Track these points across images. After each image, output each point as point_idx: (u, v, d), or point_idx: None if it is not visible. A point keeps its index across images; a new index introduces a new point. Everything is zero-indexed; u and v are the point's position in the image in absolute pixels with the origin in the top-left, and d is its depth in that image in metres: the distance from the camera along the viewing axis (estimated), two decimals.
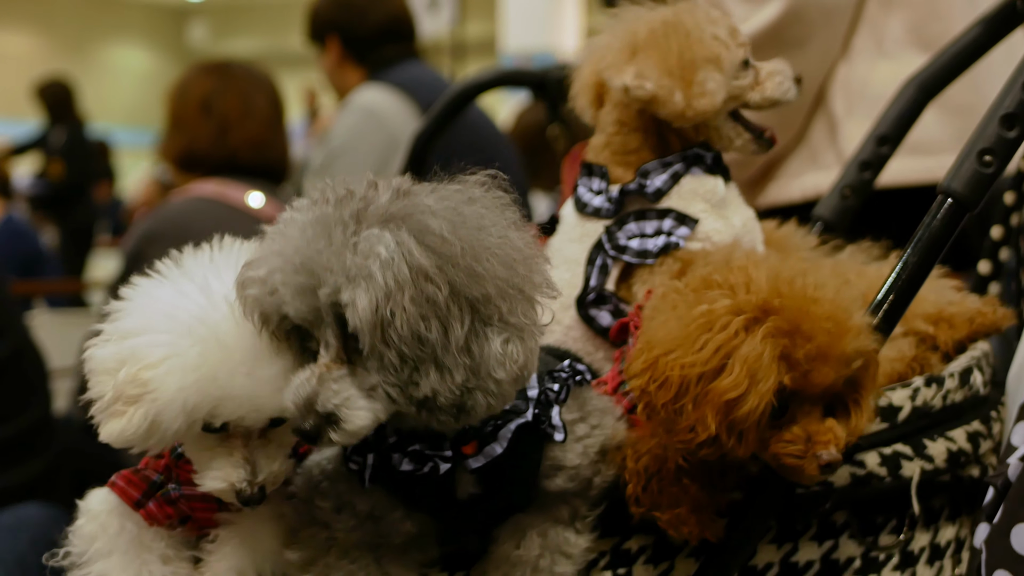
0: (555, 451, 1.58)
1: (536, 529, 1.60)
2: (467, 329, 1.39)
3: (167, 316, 1.53)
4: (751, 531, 1.65)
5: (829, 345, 1.49)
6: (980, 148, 1.68)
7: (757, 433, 1.50)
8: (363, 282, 1.36)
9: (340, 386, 1.40)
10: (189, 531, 1.67)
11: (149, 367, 1.50)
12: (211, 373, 1.49)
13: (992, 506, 1.63)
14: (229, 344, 1.51)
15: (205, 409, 1.50)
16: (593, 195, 1.95)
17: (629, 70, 1.90)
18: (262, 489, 1.55)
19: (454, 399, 1.40)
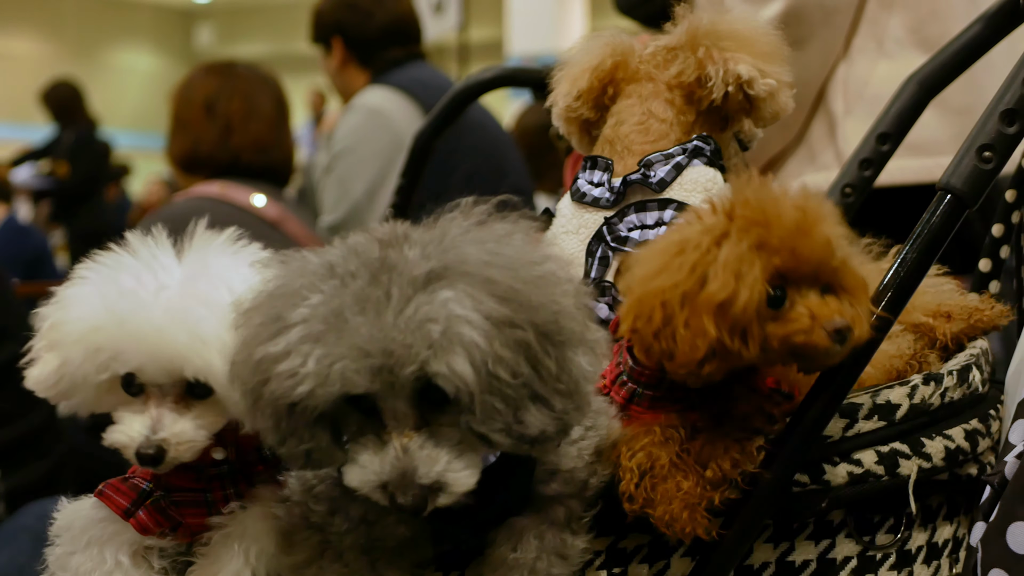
0: (550, 456, 1.57)
1: (532, 532, 1.59)
2: (555, 358, 1.40)
3: (99, 281, 1.59)
4: (747, 530, 1.64)
5: (804, 223, 1.53)
6: (980, 144, 1.67)
7: (759, 327, 1.52)
8: (458, 348, 1.35)
9: (431, 452, 1.39)
10: (181, 537, 1.67)
11: (64, 318, 1.56)
12: (120, 319, 1.53)
13: (989, 504, 1.62)
14: (149, 298, 1.54)
15: (108, 352, 1.53)
16: (592, 186, 1.95)
17: (742, 62, 1.91)
18: (160, 449, 1.54)
19: (559, 425, 1.41)
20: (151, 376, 1.55)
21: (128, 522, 1.64)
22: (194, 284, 1.58)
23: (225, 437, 1.65)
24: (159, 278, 1.57)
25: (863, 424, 1.69)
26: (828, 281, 1.56)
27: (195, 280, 1.58)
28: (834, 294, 1.56)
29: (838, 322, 1.52)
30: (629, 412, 1.69)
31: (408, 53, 4.82)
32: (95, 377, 1.55)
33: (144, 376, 1.55)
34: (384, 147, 4.47)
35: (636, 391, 1.67)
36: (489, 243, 1.44)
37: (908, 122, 2.28)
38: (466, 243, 1.44)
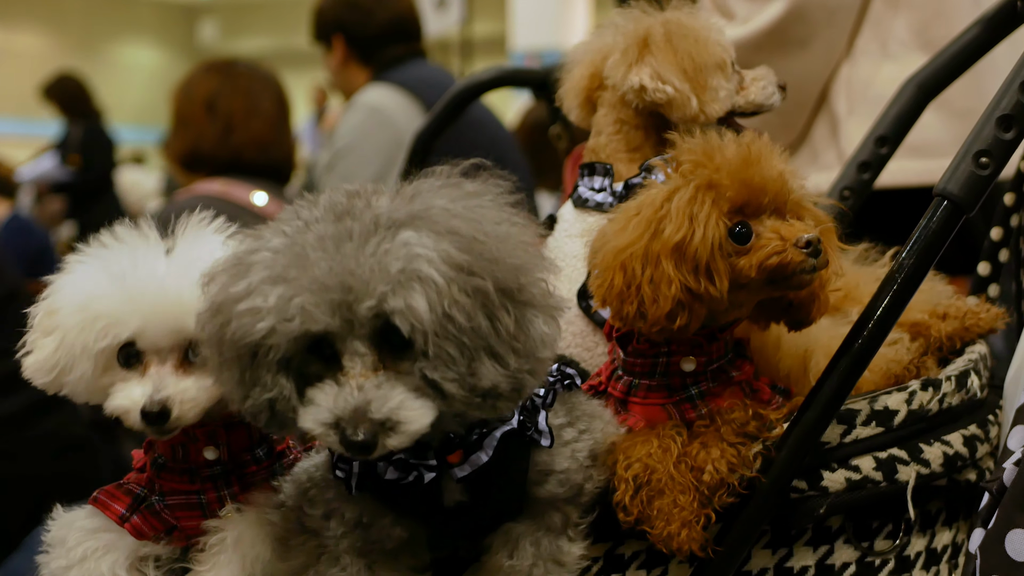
0: (543, 456, 1.57)
1: (529, 538, 1.59)
2: (514, 316, 1.40)
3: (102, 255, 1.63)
4: (745, 536, 1.63)
5: (750, 157, 1.58)
6: (976, 150, 1.67)
7: (724, 263, 1.55)
8: (415, 284, 1.35)
9: (387, 391, 1.38)
10: (176, 541, 1.67)
11: (59, 302, 1.59)
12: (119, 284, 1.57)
13: (987, 511, 1.62)
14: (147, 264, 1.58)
15: (107, 318, 1.55)
16: (594, 192, 1.96)
17: (644, 70, 1.92)
18: (164, 407, 1.55)
19: (513, 384, 1.40)
20: (151, 339, 1.56)
21: (124, 527, 1.64)
22: (189, 250, 1.61)
23: (217, 437, 1.66)
24: (154, 250, 1.61)
25: (861, 430, 1.69)
26: (787, 211, 1.60)
27: (190, 247, 1.61)
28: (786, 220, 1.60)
29: (807, 235, 1.55)
30: (628, 405, 1.69)
31: (409, 50, 4.81)
32: (94, 347, 1.55)
33: (144, 341, 1.57)
34: (385, 145, 4.47)
35: (632, 383, 1.68)
36: (457, 197, 1.45)
37: (907, 125, 2.27)
38: (434, 195, 1.45)
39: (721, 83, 1.93)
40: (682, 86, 1.90)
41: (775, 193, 1.58)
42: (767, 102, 1.98)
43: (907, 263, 1.64)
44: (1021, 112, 1.67)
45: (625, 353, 1.69)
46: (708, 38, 1.94)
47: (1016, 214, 2.03)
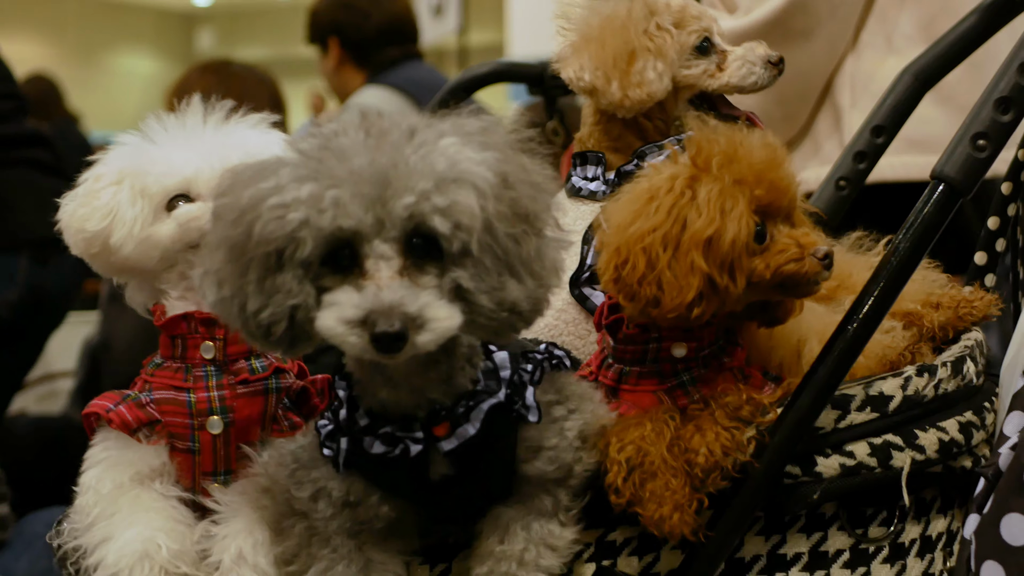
0: (531, 432, 1.56)
1: (520, 523, 1.59)
2: (535, 238, 1.41)
3: (137, 138, 1.84)
4: (737, 522, 1.62)
5: (775, 159, 1.58)
6: (974, 132, 1.66)
7: (746, 263, 1.55)
8: (465, 183, 1.35)
9: (420, 294, 1.35)
10: (156, 438, 1.71)
11: (112, 161, 1.80)
12: (170, 146, 1.77)
13: (983, 496, 1.61)
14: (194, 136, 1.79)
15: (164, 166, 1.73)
16: (587, 181, 1.96)
17: (574, 62, 1.94)
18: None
19: (533, 304, 1.42)
20: (209, 182, 1.68)
21: (108, 416, 1.70)
22: (240, 127, 1.82)
23: (215, 334, 1.71)
24: (209, 122, 1.82)
25: (855, 415, 1.67)
26: (792, 216, 1.61)
27: (240, 126, 1.82)
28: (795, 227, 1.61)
29: (823, 248, 1.57)
30: (619, 393, 1.69)
31: (405, 52, 4.80)
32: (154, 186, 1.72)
33: (201, 183, 1.72)
34: None
35: (623, 370, 1.68)
36: (496, 126, 1.47)
37: (903, 114, 2.26)
38: (471, 122, 1.45)
39: (652, 66, 1.90)
40: (598, 73, 1.91)
41: (791, 197, 1.59)
42: (744, 83, 1.96)
43: (903, 247, 1.63)
44: (1019, 94, 1.66)
45: (615, 340, 1.68)
46: (639, 24, 1.93)
47: (1013, 203, 2.02)
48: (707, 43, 1.96)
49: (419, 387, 1.50)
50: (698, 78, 1.95)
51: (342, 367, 1.58)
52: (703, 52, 1.95)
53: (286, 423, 1.76)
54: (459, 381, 1.52)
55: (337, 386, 1.58)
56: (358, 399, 1.55)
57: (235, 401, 1.72)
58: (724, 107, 1.99)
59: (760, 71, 1.96)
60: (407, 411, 1.52)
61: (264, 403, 1.74)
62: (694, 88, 1.96)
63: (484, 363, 1.55)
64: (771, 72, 1.97)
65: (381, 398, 1.52)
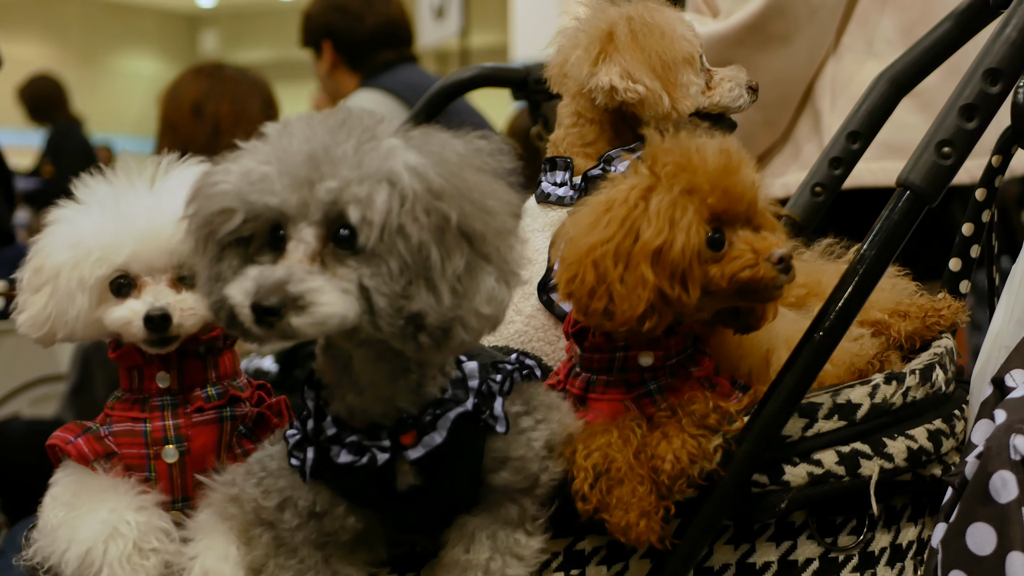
0: (498, 443, 1.56)
1: (485, 531, 1.59)
2: (466, 259, 1.40)
3: (77, 211, 1.71)
4: (705, 531, 1.62)
5: (730, 165, 1.57)
6: (939, 140, 1.65)
7: (699, 270, 1.54)
8: (385, 182, 1.37)
9: (313, 277, 1.37)
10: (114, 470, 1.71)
11: (46, 255, 1.67)
12: (109, 214, 1.65)
13: (950, 505, 1.60)
14: (135, 195, 1.68)
15: (99, 249, 1.63)
16: (556, 186, 1.96)
17: (613, 69, 1.90)
18: (165, 315, 1.63)
19: (441, 322, 1.39)
20: (145, 261, 1.64)
21: (66, 448, 1.70)
22: (172, 180, 1.70)
23: (171, 363, 1.71)
24: (135, 183, 1.70)
25: (823, 424, 1.67)
26: (754, 220, 1.60)
27: (172, 178, 1.71)
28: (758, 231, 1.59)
29: (778, 252, 1.55)
30: (587, 402, 1.68)
31: (399, 56, 4.78)
32: (90, 278, 1.63)
33: (137, 265, 1.64)
34: None
35: (590, 379, 1.67)
36: (465, 144, 1.48)
37: (879, 120, 2.25)
38: (434, 137, 1.46)
39: (691, 79, 1.93)
40: (652, 84, 1.89)
41: (749, 202, 1.58)
42: (733, 104, 1.99)
43: (869, 254, 1.62)
44: (984, 101, 1.66)
45: (582, 349, 1.68)
46: (675, 32, 1.93)
47: (987, 209, 2.01)
48: (703, 62, 1.97)
49: (387, 396, 1.51)
50: (695, 94, 1.95)
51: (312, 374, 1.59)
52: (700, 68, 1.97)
53: (239, 450, 1.76)
54: (429, 390, 1.52)
55: (306, 395, 1.58)
56: (325, 407, 1.56)
57: (190, 430, 1.73)
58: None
59: (745, 95, 1.99)
60: (374, 419, 1.52)
61: (219, 431, 1.75)
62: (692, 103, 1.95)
63: (454, 372, 1.55)
64: (751, 97, 2.00)
65: (348, 404, 1.53)
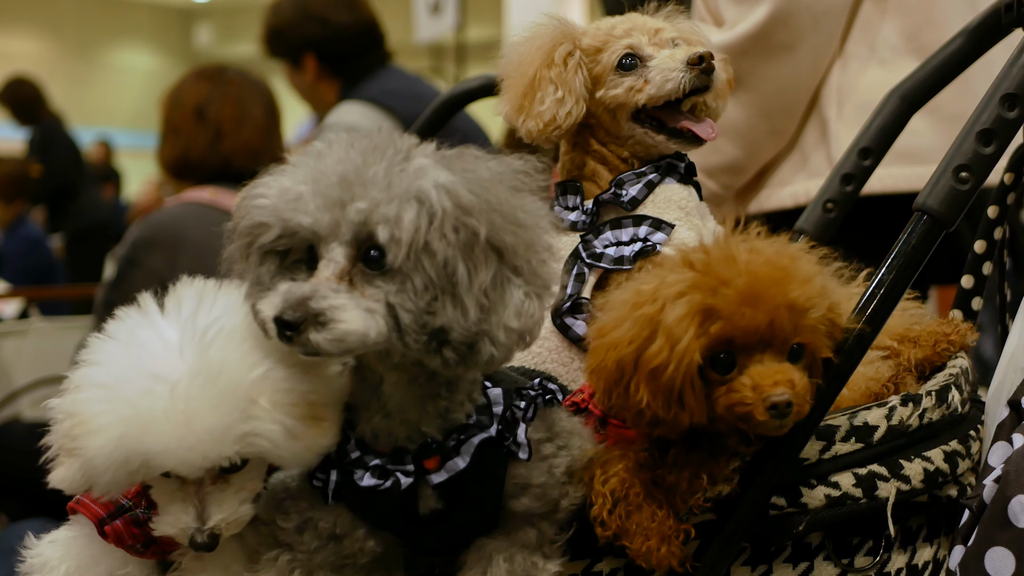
0: (520, 469, 1.56)
1: (503, 554, 1.59)
2: (493, 273, 1.41)
3: (116, 368, 1.52)
4: (723, 553, 1.62)
5: (755, 288, 1.49)
6: (956, 164, 1.66)
7: (695, 395, 1.51)
8: (413, 201, 1.39)
9: (339, 297, 1.40)
10: (151, 555, 1.67)
11: (81, 423, 1.50)
12: (137, 430, 1.46)
13: (967, 528, 1.61)
14: (166, 397, 1.46)
15: (135, 463, 1.48)
16: (568, 211, 1.96)
17: (502, 99, 2.00)
18: (213, 536, 1.53)
19: (466, 337, 1.40)
20: (185, 472, 1.51)
21: (104, 531, 1.63)
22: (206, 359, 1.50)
23: None
24: (172, 366, 1.49)
25: (840, 446, 1.67)
26: (797, 342, 1.53)
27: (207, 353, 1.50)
28: (802, 357, 1.54)
29: (774, 397, 1.49)
30: (607, 424, 1.68)
31: (376, 59, 4.73)
32: (127, 481, 1.52)
33: (178, 472, 1.51)
34: None
35: None
36: (496, 164, 1.49)
37: (890, 137, 2.26)
38: (466, 155, 1.49)
39: (548, 96, 1.92)
40: (507, 108, 1.97)
41: (772, 332, 1.50)
42: (663, 91, 1.90)
43: (887, 278, 1.63)
44: (1001, 126, 1.67)
45: None
46: (545, 53, 1.94)
47: (1000, 227, 2.02)
48: (630, 59, 1.92)
49: (414, 420, 1.52)
50: (626, 96, 1.92)
51: None
52: (627, 69, 1.92)
53: None
54: (455, 416, 1.53)
55: None
56: (349, 429, 1.56)
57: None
58: (670, 120, 1.95)
59: (679, 75, 1.89)
60: (398, 443, 1.53)
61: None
62: (626, 106, 1.93)
63: (479, 398, 1.56)
64: (693, 73, 1.90)
65: (374, 427, 1.54)
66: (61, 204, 10.22)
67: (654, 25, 1.96)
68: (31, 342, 4.86)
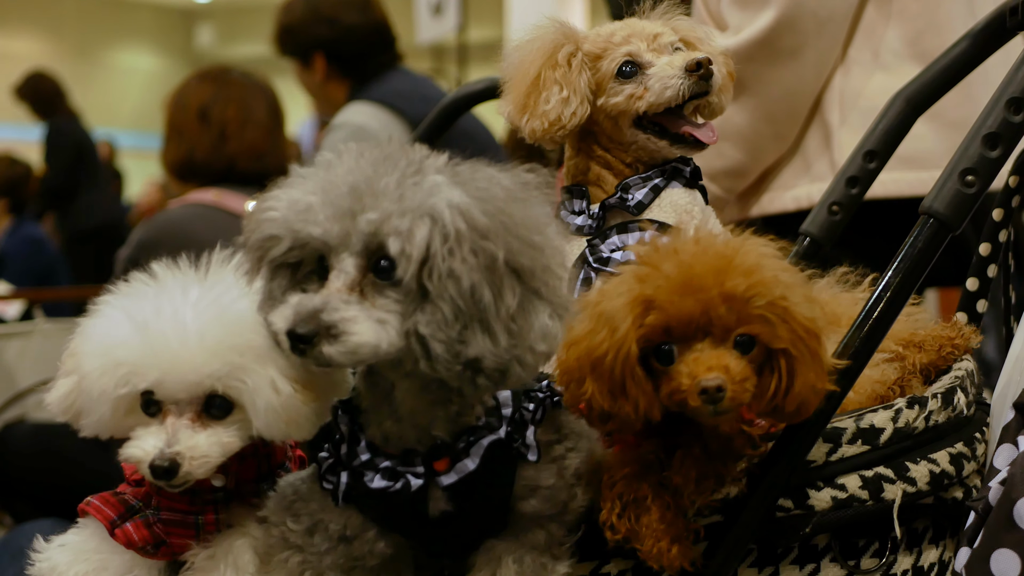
0: (529, 471, 1.57)
1: (512, 556, 1.60)
2: (519, 297, 1.41)
3: (131, 301, 1.59)
4: (731, 555, 1.63)
5: (690, 278, 1.49)
6: (963, 168, 1.67)
7: (638, 385, 1.51)
8: (427, 218, 1.38)
9: (350, 308, 1.40)
10: (161, 556, 1.67)
11: (85, 339, 1.59)
12: (140, 332, 1.54)
13: (973, 530, 1.62)
14: (172, 318, 1.55)
15: (127, 366, 1.54)
16: (575, 216, 1.96)
17: (504, 100, 2.00)
18: (174, 462, 1.54)
19: (499, 364, 1.40)
20: (169, 391, 1.55)
21: (114, 532, 1.64)
22: (213, 301, 1.58)
23: (228, 466, 1.65)
24: (178, 297, 1.57)
25: (847, 448, 1.68)
26: (742, 333, 1.51)
27: (214, 297, 1.59)
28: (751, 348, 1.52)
29: (704, 382, 1.48)
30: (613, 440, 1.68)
31: (386, 60, 4.74)
32: (113, 392, 1.55)
33: (161, 392, 1.55)
34: None
35: None
36: (512, 181, 1.47)
37: (895, 139, 2.27)
38: (480, 172, 1.47)
39: (553, 96, 1.92)
40: (510, 108, 1.97)
41: (715, 318, 1.49)
42: (662, 99, 1.91)
43: (893, 281, 1.64)
44: (1007, 130, 1.68)
45: None
46: (549, 54, 1.95)
47: (1005, 229, 2.03)
48: (630, 67, 1.93)
49: (425, 424, 1.53)
50: (626, 103, 1.93)
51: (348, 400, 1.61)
52: (627, 76, 1.93)
53: None
54: (465, 419, 1.54)
55: (339, 420, 1.60)
56: (360, 432, 1.57)
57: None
58: (672, 125, 1.95)
59: (678, 83, 1.90)
60: (408, 445, 1.54)
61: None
62: (627, 114, 1.94)
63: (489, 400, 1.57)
64: (691, 79, 1.90)
65: (385, 431, 1.54)
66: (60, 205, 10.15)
67: (653, 30, 1.96)
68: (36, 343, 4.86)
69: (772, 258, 1.54)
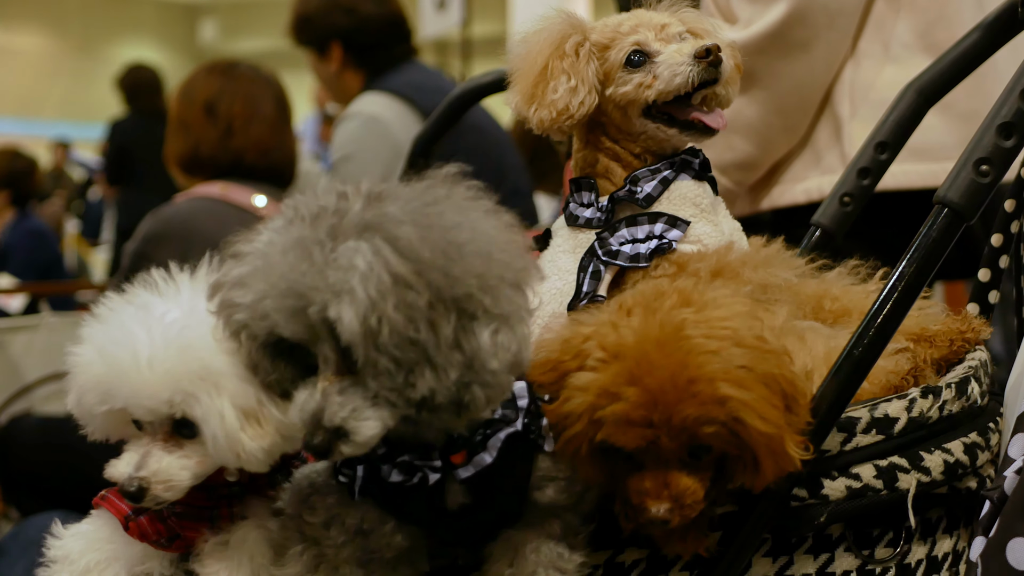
0: (545, 462, 1.57)
1: (529, 545, 1.59)
2: (454, 327, 1.39)
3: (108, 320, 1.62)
4: (745, 544, 1.64)
5: (645, 407, 1.47)
6: (977, 158, 1.67)
7: (588, 467, 1.55)
8: (346, 296, 1.36)
9: (345, 398, 1.41)
10: (175, 549, 1.68)
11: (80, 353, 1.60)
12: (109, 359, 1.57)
13: (988, 519, 1.62)
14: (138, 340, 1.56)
15: (100, 389, 1.57)
16: (584, 208, 1.97)
17: (511, 91, 2.00)
18: (140, 487, 1.56)
19: (451, 396, 1.40)
20: (136, 413, 1.57)
21: (128, 526, 1.65)
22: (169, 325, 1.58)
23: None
24: (135, 322, 1.59)
25: (861, 438, 1.68)
26: (697, 446, 1.52)
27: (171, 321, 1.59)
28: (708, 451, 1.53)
29: (653, 514, 1.52)
30: None
31: (402, 53, 4.77)
32: (97, 408, 1.58)
33: (136, 411, 1.57)
34: (384, 154, 4.43)
35: None
36: (416, 203, 1.44)
37: (907, 130, 2.27)
38: (395, 200, 1.44)
39: (561, 86, 1.92)
40: (517, 98, 1.97)
41: (664, 446, 1.50)
42: (671, 87, 1.91)
43: (907, 271, 1.64)
44: (1022, 120, 1.67)
45: None
46: (555, 44, 1.95)
47: (1016, 220, 2.03)
48: (638, 56, 1.93)
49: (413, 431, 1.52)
50: (635, 92, 1.93)
51: None
52: (635, 66, 1.93)
53: None
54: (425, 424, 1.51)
55: None
56: None
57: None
58: (681, 113, 1.95)
59: (687, 69, 1.89)
60: (426, 439, 1.53)
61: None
62: (636, 103, 1.94)
63: None
64: (700, 66, 1.89)
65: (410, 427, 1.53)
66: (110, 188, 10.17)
67: (660, 20, 1.96)
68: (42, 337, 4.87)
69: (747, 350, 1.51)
